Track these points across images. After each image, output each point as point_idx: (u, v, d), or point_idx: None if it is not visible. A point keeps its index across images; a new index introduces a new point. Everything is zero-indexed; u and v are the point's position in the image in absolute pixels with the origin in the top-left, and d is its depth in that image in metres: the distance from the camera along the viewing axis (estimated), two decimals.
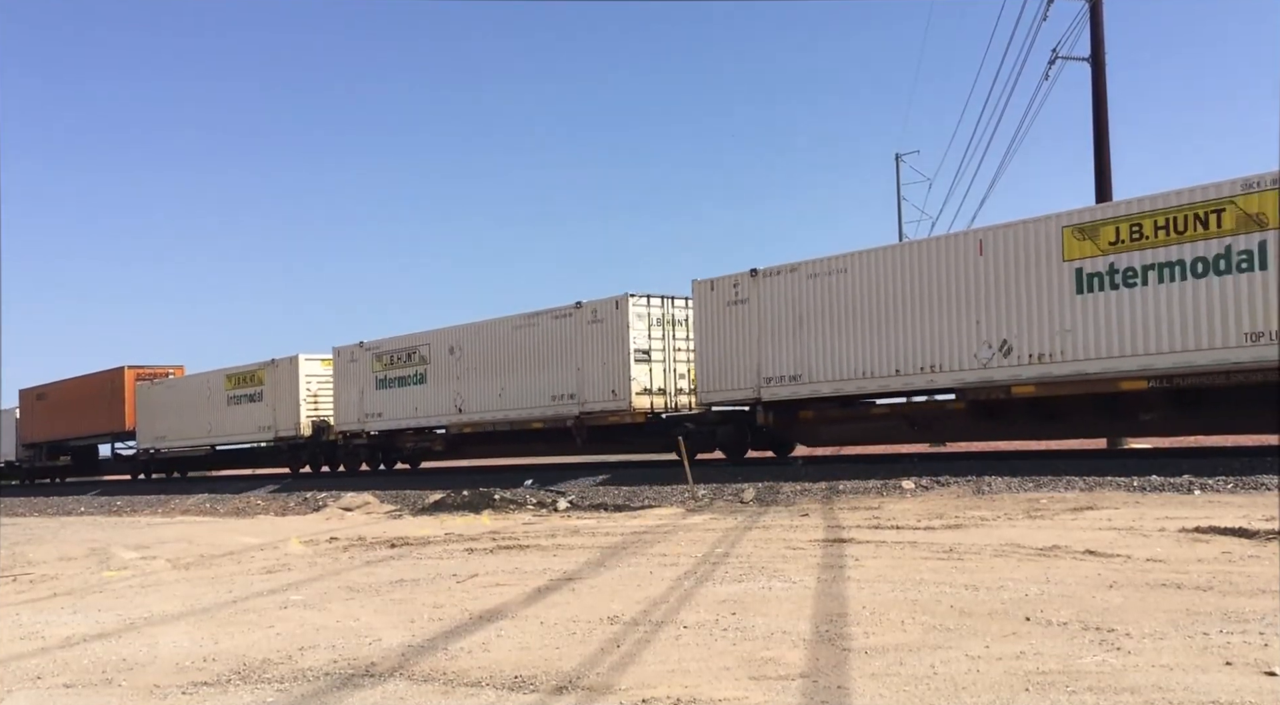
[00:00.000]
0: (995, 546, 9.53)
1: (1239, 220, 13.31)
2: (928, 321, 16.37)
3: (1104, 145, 22.42)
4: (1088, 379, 14.73)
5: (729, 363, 19.15)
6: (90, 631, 7.83)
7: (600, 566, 9.79)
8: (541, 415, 22.30)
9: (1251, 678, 4.88)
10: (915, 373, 16.53)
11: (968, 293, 15.93)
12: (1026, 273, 15.30)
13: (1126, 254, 14.30)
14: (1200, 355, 13.64)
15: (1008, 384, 15.54)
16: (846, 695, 4.90)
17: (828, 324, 17.67)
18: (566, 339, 21.74)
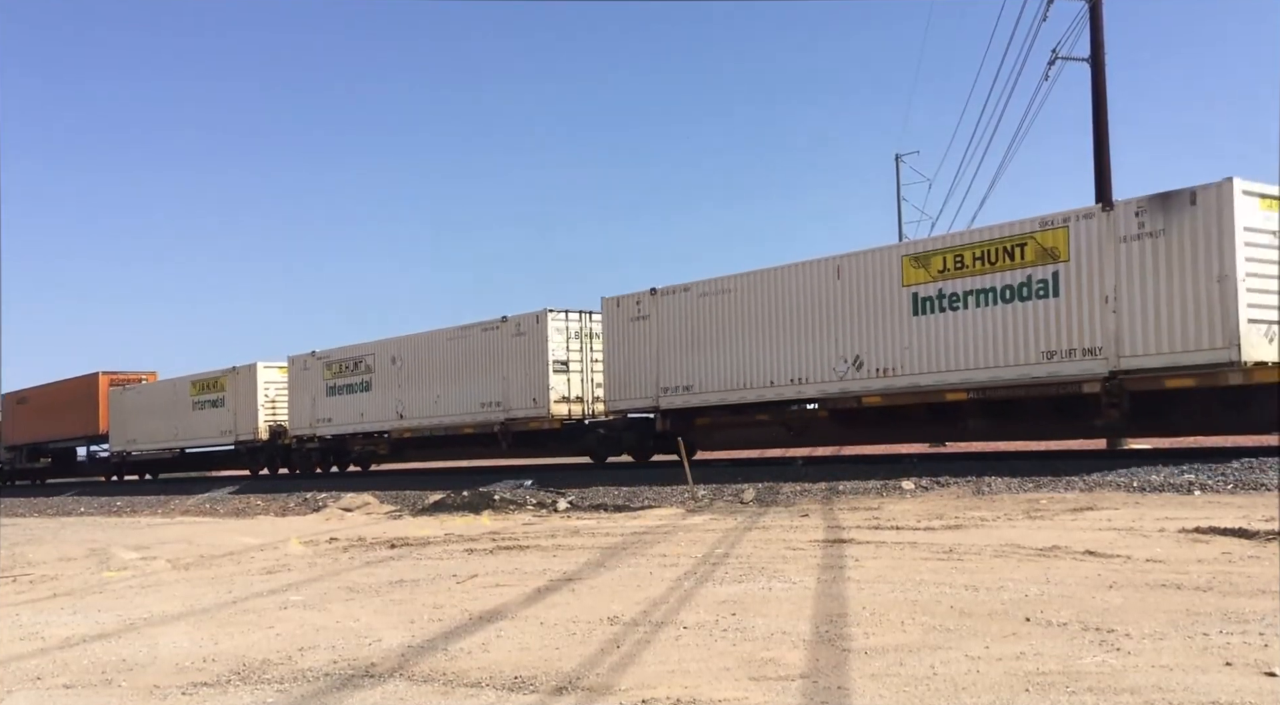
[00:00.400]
0: (995, 547, 9.53)
1: (1037, 253, 15.34)
2: (796, 338, 18.22)
3: (1104, 145, 22.43)
4: (921, 390, 16.65)
5: (632, 374, 20.85)
6: (90, 632, 7.83)
7: (600, 567, 9.79)
8: (472, 421, 23.89)
9: (1251, 678, 4.88)
10: (786, 384, 18.40)
11: (828, 313, 17.78)
12: (874, 296, 17.17)
13: (952, 281, 16.22)
14: (1008, 371, 15.63)
15: (859, 395, 17.43)
16: (846, 696, 4.90)
17: (715, 339, 19.45)
18: (494, 350, 23.39)
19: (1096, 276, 14.71)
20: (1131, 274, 14.38)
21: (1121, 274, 14.46)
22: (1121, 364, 14.50)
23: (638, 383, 20.74)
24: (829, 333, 17.68)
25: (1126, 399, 14.64)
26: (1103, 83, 22.61)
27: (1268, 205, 13.86)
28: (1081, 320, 14.86)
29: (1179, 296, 13.94)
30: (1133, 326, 14.37)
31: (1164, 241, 14.05)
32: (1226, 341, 13.49)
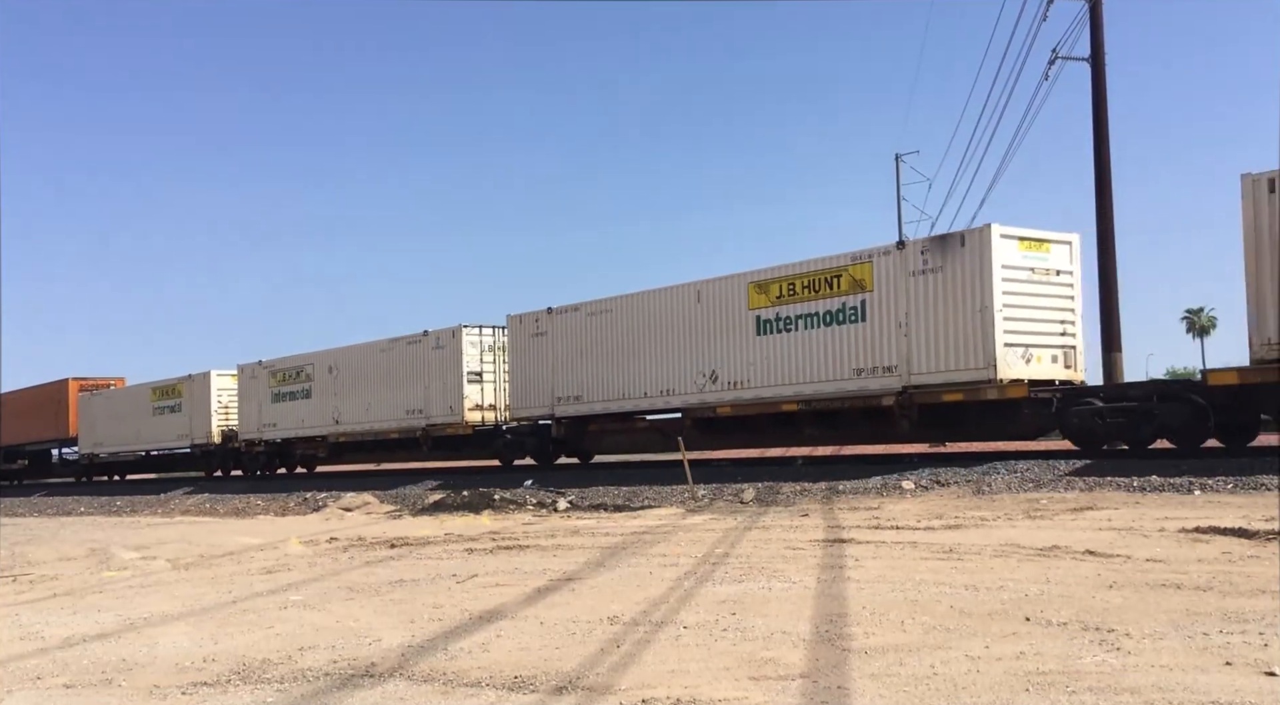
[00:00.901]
0: (995, 547, 9.53)
1: (850, 284, 17.72)
2: (665, 354, 20.44)
3: (1104, 145, 22.40)
4: (764, 402, 18.89)
5: (532, 384, 22.96)
6: (90, 632, 7.82)
7: (600, 567, 9.79)
8: (398, 426, 25.93)
9: (1251, 678, 4.87)
10: (658, 395, 20.67)
11: (690, 333, 20.00)
12: (727, 318, 19.41)
13: (786, 306, 18.52)
14: (829, 385, 17.96)
15: (715, 405, 19.69)
16: (846, 695, 4.90)
17: (601, 354, 21.60)
18: (417, 362, 25.43)
19: (893, 305, 17.04)
20: (918, 303, 16.70)
21: (912, 303, 16.78)
22: (911, 380, 16.82)
23: (537, 392, 22.82)
24: (691, 350, 19.93)
25: (915, 411, 16.99)
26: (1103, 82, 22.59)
27: (1026, 246, 16.25)
28: (882, 342, 17.20)
29: (953, 323, 16.27)
30: (919, 348, 16.70)
31: (942, 276, 16.36)
32: (986, 362, 15.79)
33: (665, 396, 20.38)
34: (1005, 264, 15.87)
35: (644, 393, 20.69)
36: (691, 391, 19.89)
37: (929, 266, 16.51)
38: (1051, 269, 16.41)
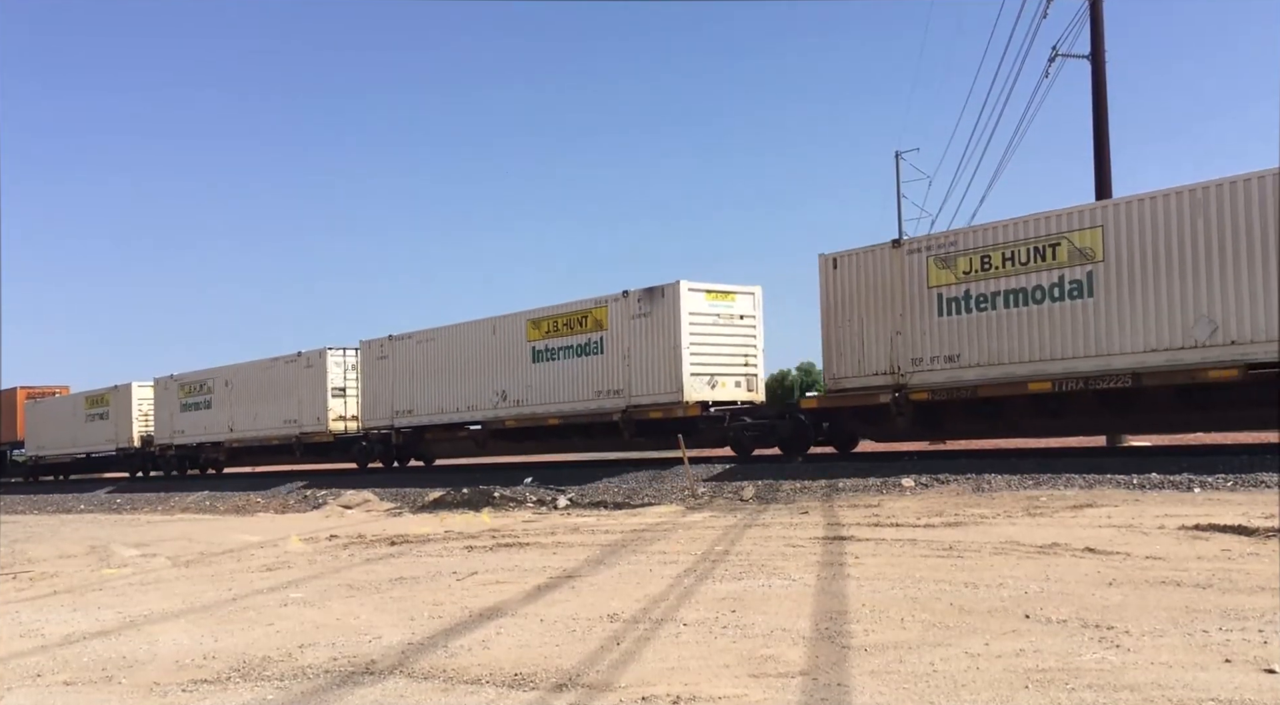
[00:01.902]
0: (995, 544, 9.54)
1: (593, 323, 21.48)
2: (472, 376, 24.33)
3: (1104, 142, 22.44)
4: (537, 417, 22.88)
5: (378, 399, 27.00)
6: (90, 629, 7.83)
7: (600, 564, 9.79)
8: (277, 434, 29.94)
9: (1251, 675, 4.88)
10: (467, 411, 24.56)
11: (488, 359, 23.94)
12: (513, 348, 23.33)
13: (551, 339, 22.45)
14: (579, 404, 21.84)
15: (504, 420, 23.63)
16: (846, 693, 4.90)
17: (427, 375, 25.52)
18: (292, 379, 29.33)
19: (620, 341, 21.02)
20: (636, 340, 20.75)
21: (632, 340, 20.81)
22: (631, 401, 20.80)
23: (382, 406, 26.82)
24: (489, 374, 23.86)
25: (634, 425, 20.95)
26: (1103, 79, 22.62)
27: (713, 297, 20.44)
28: (613, 371, 21.10)
29: (658, 357, 20.30)
30: (636, 376, 20.71)
31: (650, 320, 20.48)
32: (676, 388, 19.92)
33: (472, 411, 24.44)
34: (692, 311, 20.07)
35: (457, 408, 24.80)
36: (489, 408, 23.93)
37: (642, 312, 20.65)
38: (735, 314, 20.60)
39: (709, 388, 20.10)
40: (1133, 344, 14.77)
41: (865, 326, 17.72)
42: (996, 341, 16.12)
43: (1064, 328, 15.41)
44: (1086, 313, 15.19)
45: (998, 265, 16.07)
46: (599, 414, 21.45)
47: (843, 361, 18.04)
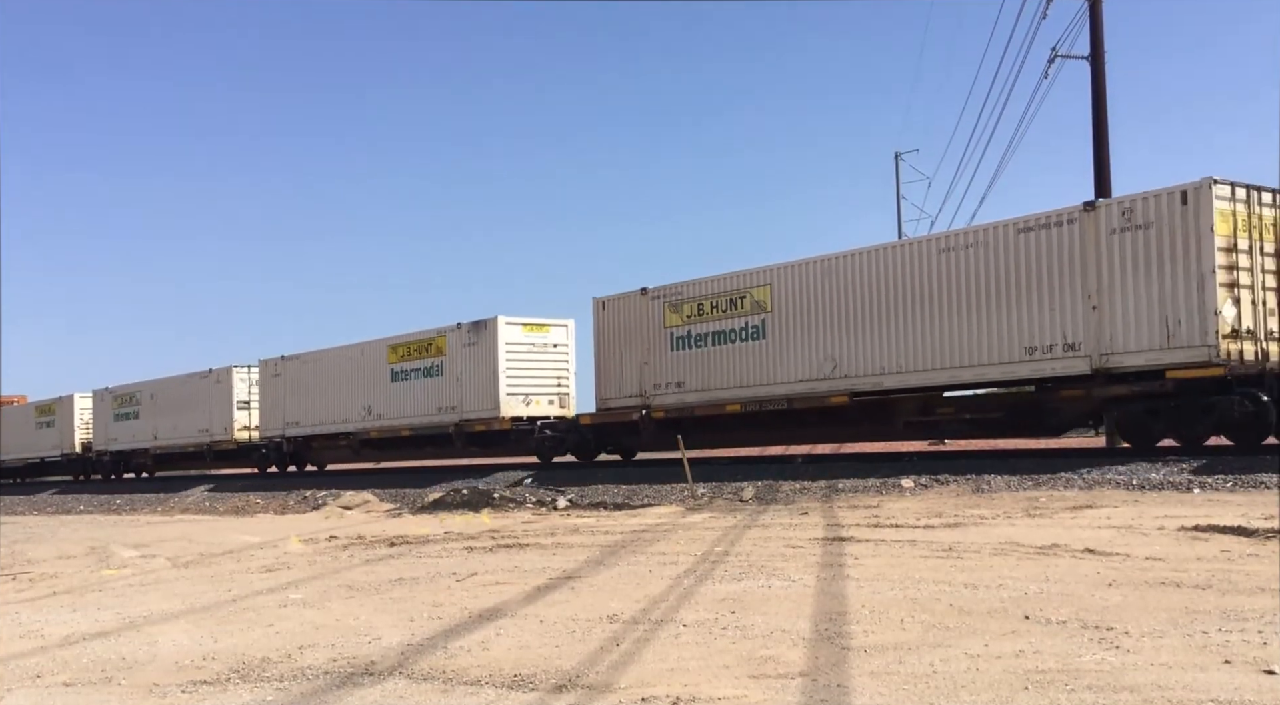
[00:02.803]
0: (994, 545, 9.54)
1: (435, 350, 25.47)
2: (345, 393, 28.25)
3: (1103, 143, 22.43)
4: (394, 429, 26.66)
5: (272, 412, 30.72)
6: (90, 630, 7.83)
7: (600, 565, 9.79)
8: (192, 442, 33.74)
9: (1251, 676, 4.88)
10: (342, 422, 28.34)
11: (358, 379, 27.80)
12: (375, 370, 27.27)
13: (406, 362, 26.30)
14: (425, 419, 25.70)
15: (370, 430, 27.43)
16: (846, 694, 4.90)
17: (312, 391, 29.37)
18: (204, 393, 33.16)
19: (456, 365, 24.74)
20: (465, 365, 24.48)
21: (464, 365, 24.54)
22: (463, 416, 24.52)
23: (276, 418, 30.60)
24: (358, 391, 27.75)
25: (465, 437, 24.72)
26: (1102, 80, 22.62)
27: (528, 329, 24.27)
28: (451, 390, 24.90)
29: (483, 379, 23.99)
30: (468, 395, 24.41)
31: (477, 348, 24.21)
32: (495, 405, 23.69)
33: (346, 423, 28.22)
34: (509, 341, 23.93)
35: (335, 420, 28.52)
36: (358, 420, 27.73)
37: (471, 341, 24.37)
38: (550, 343, 24.44)
39: (524, 405, 23.93)
40: (787, 376, 19.02)
41: (623, 358, 21.90)
42: (707, 372, 20.36)
43: (748, 362, 19.65)
44: (761, 351, 19.43)
45: (708, 312, 20.38)
46: (439, 427, 25.34)
47: (609, 386, 22.28)
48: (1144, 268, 14.69)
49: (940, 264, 16.88)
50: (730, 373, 19.84)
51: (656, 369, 21.12)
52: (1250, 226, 14.38)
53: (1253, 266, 14.43)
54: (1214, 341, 13.95)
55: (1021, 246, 15.96)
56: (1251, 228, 14.40)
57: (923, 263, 17.11)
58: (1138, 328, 14.76)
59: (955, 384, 17.07)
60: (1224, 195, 14.21)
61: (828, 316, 18.38)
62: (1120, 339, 14.94)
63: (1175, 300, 14.34)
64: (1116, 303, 14.94)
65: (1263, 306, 14.47)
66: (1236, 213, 14.30)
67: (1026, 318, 15.86)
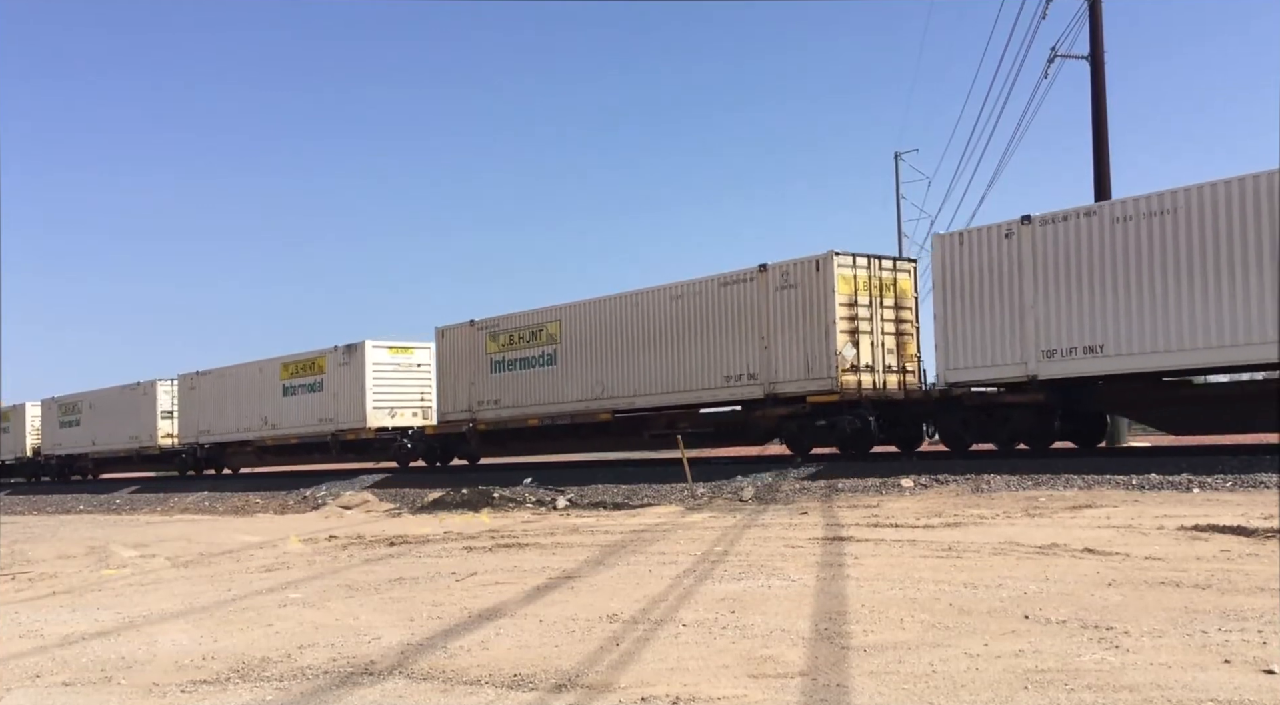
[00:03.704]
0: (994, 545, 9.54)
1: (318, 368, 28.92)
2: (248, 405, 31.60)
3: (1103, 142, 22.46)
4: (286, 437, 30.29)
5: (189, 421, 34.33)
6: (89, 630, 7.82)
7: (599, 565, 9.79)
8: (125, 447, 37.23)
9: (1250, 676, 4.88)
10: (245, 431, 31.87)
11: (258, 393, 31.24)
12: (269, 385, 30.89)
13: (295, 379, 29.99)
14: (308, 428, 29.34)
15: (266, 439, 31.08)
16: (846, 693, 4.90)
17: (222, 403, 32.77)
18: (135, 403, 36.69)
19: (334, 382, 28.34)
20: (340, 382, 28.20)
21: (340, 383, 28.20)
22: (338, 426, 28.30)
23: (192, 427, 34.16)
24: (258, 403, 31.22)
25: (340, 444, 28.40)
26: (1102, 80, 22.64)
27: (394, 351, 27.80)
28: (330, 404, 28.44)
29: (353, 394, 27.74)
30: (341, 407, 28.15)
31: (349, 368, 27.76)
32: (361, 417, 27.40)
33: (248, 432, 31.61)
34: (376, 362, 27.59)
35: (239, 429, 31.93)
36: (257, 430, 31.24)
37: (345, 362, 28.01)
38: (414, 363, 27.92)
39: (390, 417, 27.53)
40: (571, 396, 22.66)
41: (457, 378, 25.55)
42: (516, 392, 23.98)
43: (544, 385, 23.25)
44: (553, 376, 23.10)
45: (517, 341, 24.09)
46: (320, 436, 28.89)
47: (446, 402, 25.92)
48: (794, 317, 18.55)
49: (671, 308, 20.70)
50: (532, 393, 23.68)
51: (480, 389, 24.94)
52: (871, 287, 18.27)
53: (872, 317, 18.30)
54: (835, 375, 17.81)
55: (722, 297, 19.77)
56: (872, 287, 18.29)
57: (660, 307, 20.92)
58: (791, 363, 18.59)
59: (683, 405, 20.83)
60: (846, 264, 18.04)
61: (598, 349, 22.20)
62: (781, 371, 18.79)
63: (812, 343, 18.24)
64: (778, 343, 18.82)
65: (881, 347, 18.30)
66: (858, 276, 18.13)
67: (725, 353, 19.69)
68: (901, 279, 18.72)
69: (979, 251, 16.60)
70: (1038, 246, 15.92)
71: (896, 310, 18.63)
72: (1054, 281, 15.73)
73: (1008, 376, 16.39)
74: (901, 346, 18.59)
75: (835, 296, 17.81)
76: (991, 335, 16.46)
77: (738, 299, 19.41)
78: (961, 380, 16.99)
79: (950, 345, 16.96)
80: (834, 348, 17.78)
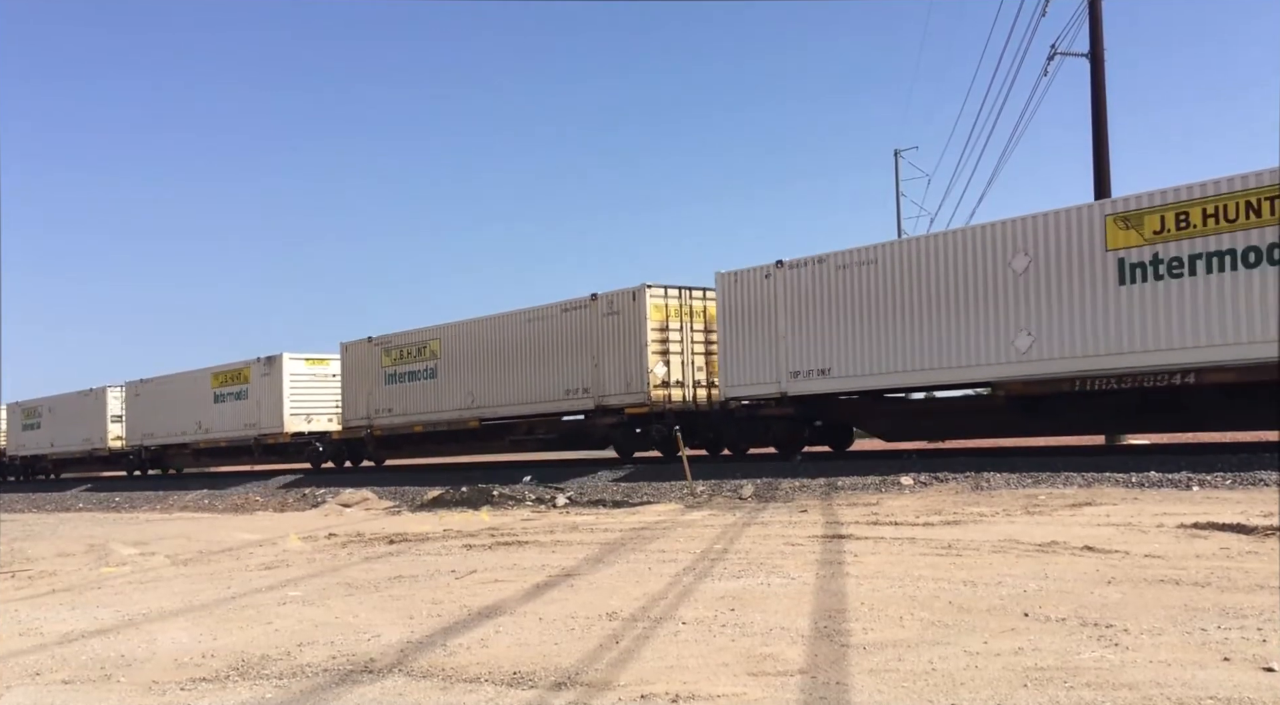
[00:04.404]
0: (994, 542, 9.54)
1: (243, 378, 31.97)
2: (183, 411, 34.11)
3: (1103, 140, 22.45)
4: (219, 440, 32.78)
5: (135, 425, 36.60)
6: (89, 628, 7.82)
7: (599, 562, 9.79)
8: (80, 449, 39.45)
9: (1249, 673, 4.88)
10: (183, 435, 34.20)
11: (192, 400, 33.67)
12: (203, 394, 33.29)
13: (225, 387, 32.68)
14: (236, 433, 31.97)
15: (200, 442, 33.66)
16: (845, 691, 4.90)
17: (161, 409, 35.11)
18: (87, 409, 39.00)
19: (257, 392, 30.92)
20: (264, 393, 30.65)
21: (262, 393, 30.77)
22: (260, 431, 30.86)
23: (137, 430, 36.33)
24: (193, 411, 33.68)
25: (261, 448, 30.99)
26: (1102, 78, 22.63)
27: (310, 363, 30.58)
28: (254, 411, 31.01)
29: (272, 402, 30.49)
30: (263, 415, 30.69)
31: (270, 378, 30.57)
32: (279, 422, 30.01)
33: (183, 435, 34.26)
34: (293, 373, 30.26)
35: (178, 432, 34.38)
36: (192, 433, 33.80)
37: (266, 372, 30.53)
38: (330, 373, 30.29)
39: (306, 422, 30.31)
40: (448, 406, 25.56)
41: (357, 389, 28.39)
42: (405, 402, 26.81)
43: (428, 395, 26.17)
44: (434, 387, 26.01)
45: (406, 357, 27.00)
46: (244, 439, 31.48)
47: (349, 409, 28.76)
48: (617, 340, 21.28)
49: (526, 330, 23.46)
50: (418, 402, 26.55)
51: (377, 398, 27.87)
52: (682, 314, 21.12)
53: (683, 340, 21.11)
54: (648, 390, 20.61)
55: (564, 322, 22.49)
56: (683, 314, 21.13)
57: (518, 329, 23.65)
58: (615, 379, 21.28)
59: (536, 414, 23.51)
60: (658, 294, 20.90)
61: (470, 364, 25.02)
62: (608, 386, 21.53)
63: (630, 362, 20.96)
64: (605, 362, 21.56)
65: (691, 366, 21.10)
66: (669, 305, 20.99)
67: (567, 370, 22.38)
68: (710, 306, 21.08)
69: (748, 289, 19.57)
70: (789, 286, 19.00)
71: (706, 333, 21.32)
72: (799, 315, 18.85)
73: (766, 393, 19.38)
74: (710, 365, 21.18)
75: (648, 323, 20.65)
76: (757, 358, 19.46)
77: (576, 324, 22.24)
78: (735, 395, 19.93)
79: (727, 366, 19.94)
80: (647, 366, 20.57)
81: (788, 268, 18.90)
